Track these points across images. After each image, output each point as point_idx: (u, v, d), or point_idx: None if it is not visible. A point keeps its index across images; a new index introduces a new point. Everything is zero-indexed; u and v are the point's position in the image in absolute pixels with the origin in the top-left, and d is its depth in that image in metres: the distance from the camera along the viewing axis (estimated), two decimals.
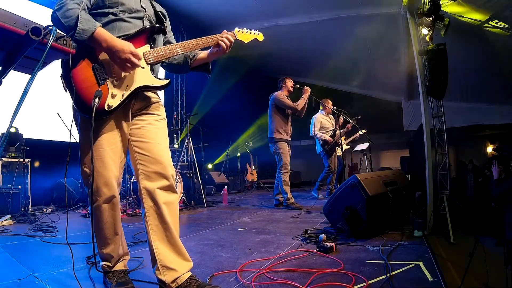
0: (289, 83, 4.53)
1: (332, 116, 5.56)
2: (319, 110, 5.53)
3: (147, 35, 1.46)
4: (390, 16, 5.16)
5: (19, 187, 3.83)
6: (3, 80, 0.97)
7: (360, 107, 7.63)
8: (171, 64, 1.70)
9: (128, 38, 1.41)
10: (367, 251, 2.08)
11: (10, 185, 3.75)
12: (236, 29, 1.66)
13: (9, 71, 0.97)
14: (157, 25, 1.52)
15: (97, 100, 1.27)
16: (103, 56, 1.35)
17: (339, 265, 1.77)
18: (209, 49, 1.62)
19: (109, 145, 1.41)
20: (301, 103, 4.39)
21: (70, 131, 1.38)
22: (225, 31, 1.60)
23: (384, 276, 1.59)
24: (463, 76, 5.79)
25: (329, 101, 5.38)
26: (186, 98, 8.58)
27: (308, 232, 2.56)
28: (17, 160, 4.00)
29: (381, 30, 5.73)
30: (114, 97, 1.35)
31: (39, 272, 1.71)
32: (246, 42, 1.70)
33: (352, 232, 2.44)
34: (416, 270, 1.69)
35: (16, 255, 2.08)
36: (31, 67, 1.03)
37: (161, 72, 1.79)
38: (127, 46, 1.33)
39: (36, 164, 4.78)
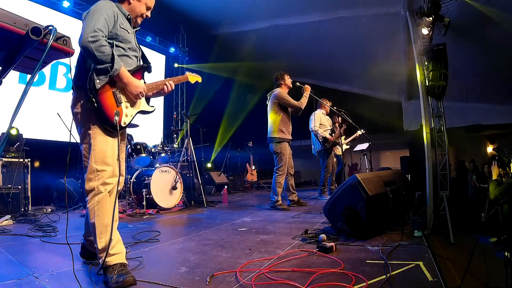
0: (288, 80, 4.44)
1: (328, 117, 5.54)
2: (319, 109, 5.51)
3: (142, 72, 1.90)
4: (390, 16, 5.15)
5: (19, 187, 3.83)
6: (3, 80, 0.97)
7: (360, 107, 7.62)
8: None
9: (131, 72, 1.77)
10: (367, 251, 2.08)
11: (10, 185, 3.75)
12: (187, 73, 2.28)
13: (9, 71, 0.97)
14: (149, 65, 1.94)
15: (116, 117, 1.67)
16: (119, 85, 1.74)
17: (339, 265, 1.77)
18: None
19: (114, 149, 1.75)
20: (305, 102, 4.29)
21: (70, 131, 1.45)
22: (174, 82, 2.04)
23: (384, 276, 1.59)
24: (463, 76, 5.79)
25: (328, 101, 5.36)
26: (186, 98, 8.61)
27: (308, 232, 2.56)
28: (17, 160, 4.00)
29: (381, 30, 5.73)
30: (127, 116, 1.78)
31: (39, 272, 1.71)
32: (192, 82, 2.30)
33: (352, 232, 2.44)
34: (416, 270, 1.69)
35: (16, 255, 2.08)
36: (31, 67, 1.03)
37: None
38: (140, 83, 1.79)
39: (36, 164, 4.77)
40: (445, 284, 1.49)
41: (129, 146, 4.43)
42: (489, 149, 8.49)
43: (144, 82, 1.87)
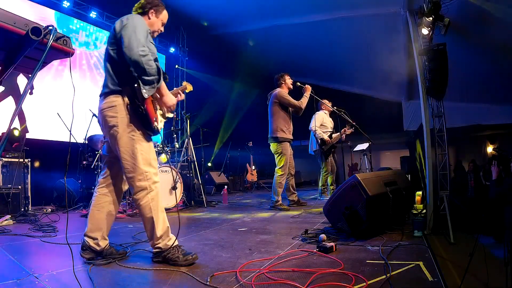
0: (289, 80, 4.44)
1: (331, 118, 5.53)
2: (321, 110, 5.50)
3: None
4: (390, 16, 5.15)
5: (19, 187, 3.83)
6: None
7: (360, 107, 7.63)
8: None
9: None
10: (367, 251, 2.08)
11: (10, 185, 3.75)
12: (184, 82, 2.52)
13: (9, 71, 0.97)
14: (166, 75, 2.07)
15: (156, 123, 1.91)
16: (154, 95, 1.94)
17: (339, 265, 1.77)
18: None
19: (153, 151, 1.97)
20: (305, 101, 4.30)
21: (70, 131, 1.44)
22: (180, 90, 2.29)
23: (384, 276, 1.59)
24: (463, 76, 5.78)
25: (328, 101, 5.36)
26: (186, 98, 8.59)
27: (308, 232, 2.56)
28: (17, 160, 3.99)
29: (381, 30, 5.72)
30: (161, 122, 2.01)
31: (39, 272, 1.71)
32: (187, 91, 2.54)
33: (352, 232, 2.44)
34: (416, 270, 1.69)
35: (16, 255, 2.07)
36: (31, 67, 1.03)
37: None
38: (174, 98, 2.02)
39: (36, 164, 4.77)
40: (445, 284, 1.49)
41: None
42: (489, 149, 8.50)
43: None
